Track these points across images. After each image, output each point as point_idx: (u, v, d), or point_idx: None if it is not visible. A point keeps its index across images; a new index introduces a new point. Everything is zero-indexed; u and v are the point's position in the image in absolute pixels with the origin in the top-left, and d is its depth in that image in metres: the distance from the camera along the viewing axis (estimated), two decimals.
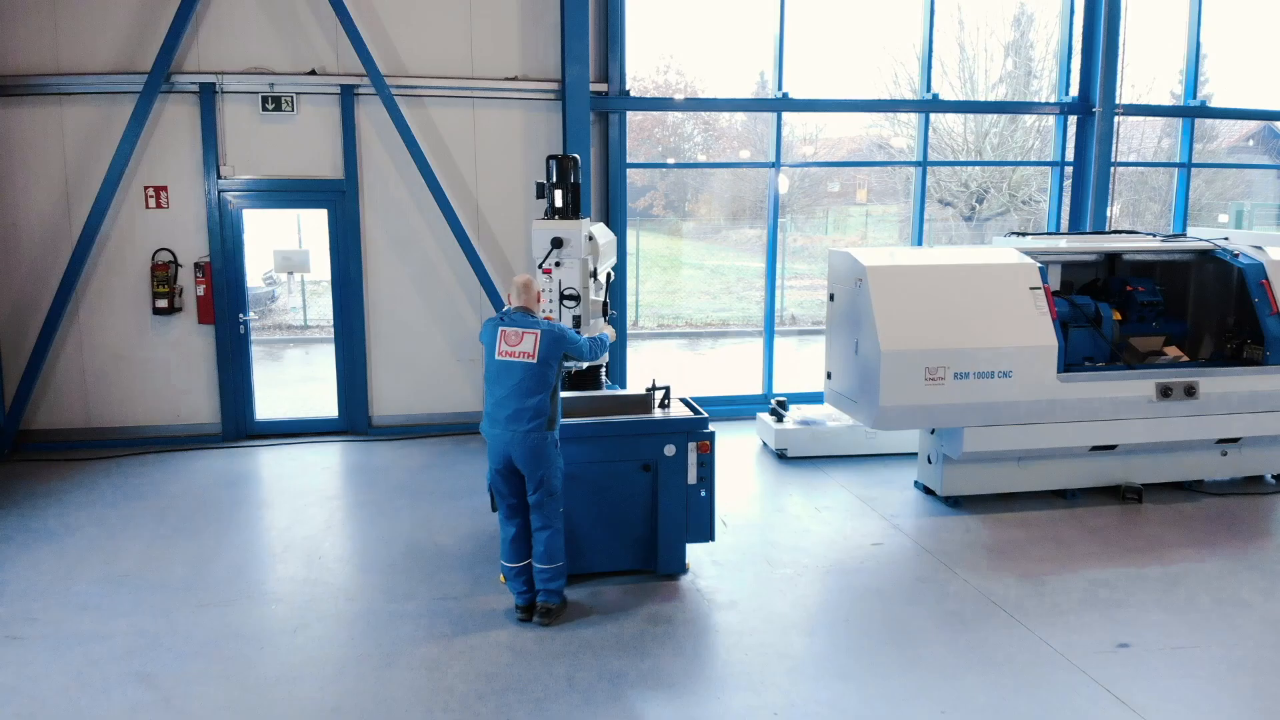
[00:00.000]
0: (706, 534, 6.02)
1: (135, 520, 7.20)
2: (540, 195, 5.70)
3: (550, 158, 5.67)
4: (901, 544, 6.76)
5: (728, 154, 19.27)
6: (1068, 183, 10.71)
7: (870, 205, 21.54)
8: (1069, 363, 7.42)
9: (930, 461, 7.65)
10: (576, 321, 5.43)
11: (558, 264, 5.43)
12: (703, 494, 5.94)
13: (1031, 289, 7.23)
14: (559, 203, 5.64)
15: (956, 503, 7.52)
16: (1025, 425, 7.21)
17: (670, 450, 5.84)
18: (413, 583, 6.01)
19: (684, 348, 17.13)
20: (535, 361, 5.18)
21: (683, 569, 6.06)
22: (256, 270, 12.62)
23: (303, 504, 7.61)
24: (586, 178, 9.06)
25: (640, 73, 17.65)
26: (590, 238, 5.67)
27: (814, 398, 9.87)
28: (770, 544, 6.71)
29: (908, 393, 6.88)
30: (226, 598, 5.87)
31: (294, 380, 13.49)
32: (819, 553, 6.59)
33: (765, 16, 9.64)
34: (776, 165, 9.90)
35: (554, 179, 5.68)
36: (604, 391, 6.10)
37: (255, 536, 6.95)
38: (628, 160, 9.60)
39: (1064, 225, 10.76)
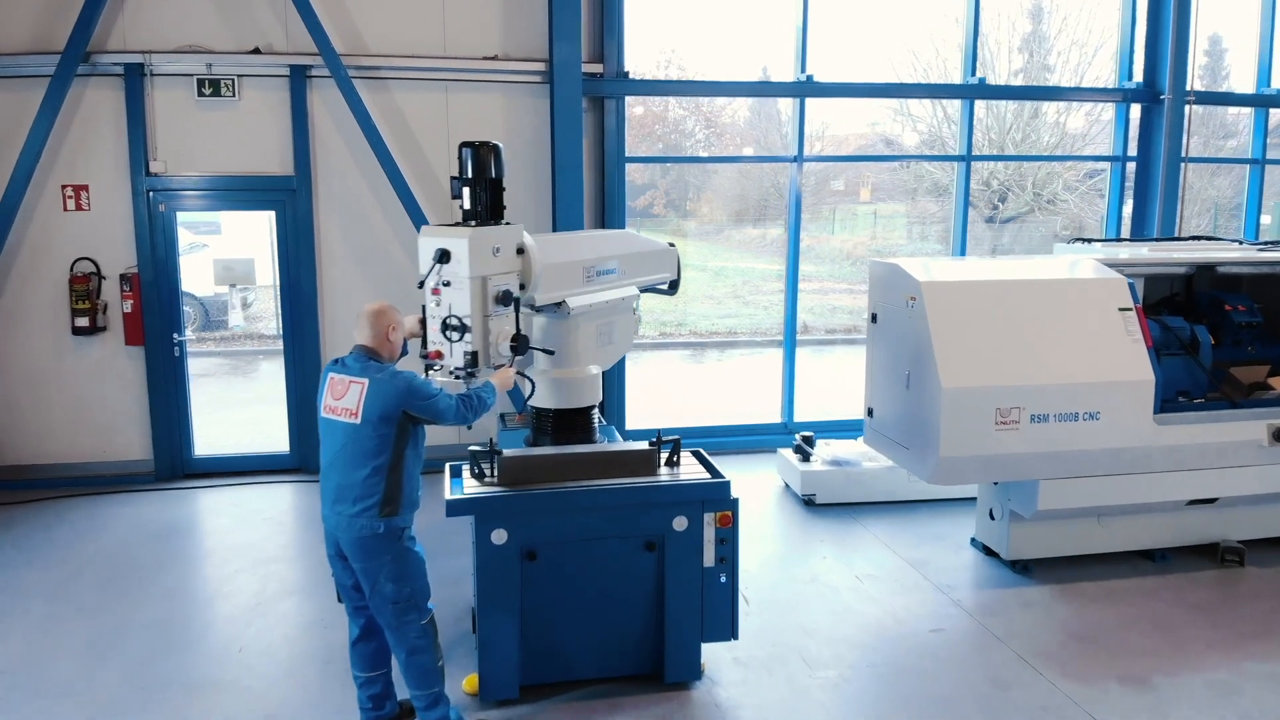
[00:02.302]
0: (727, 630, 4.69)
1: (27, 593, 5.89)
2: (456, 195, 4.29)
3: (463, 145, 4.26)
4: (967, 629, 5.43)
5: (731, 151, 18.00)
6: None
7: (878, 204, 20.36)
8: (1163, 399, 6.09)
9: (993, 518, 6.32)
10: (474, 360, 4.08)
11: (446, 284, 4.05)
12: (723, 579, 4.62)
13: (1121, 310, 5.90)
14: (468, 203, 4.27)
15: (1025, 568, 6.19)
16: (1113, 477, 5.89)
17: (681, 524, 4.52)
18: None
19: (688, 360, 15.82)
20: (358, 422, 3.92)
21: (696, 675, 4.73)
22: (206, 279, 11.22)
23: (234, 569, 6.29)
24: (575, 173, 7.74)
25: (640, 67, 16.63)
26: (520, 251, 4.27)
27: (840, 428, 8.56)
28: (805, 631, 5.37)
29: (974, 440, 5.55)
30: (115, 709, 4.56)
31: (263, 399, 12.13)
32: (866, 644, 5.25)
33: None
34: (798, 159, 8.57)
35: (468, 173, 4.26)
36: (591, 447, 4.77)
37: (169, 615, 5.62)
38: (627, 154, 8.26)
39: (1124, 230, 9.44)
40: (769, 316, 18.24)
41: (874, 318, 6.29)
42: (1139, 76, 9.23)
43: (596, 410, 5.18)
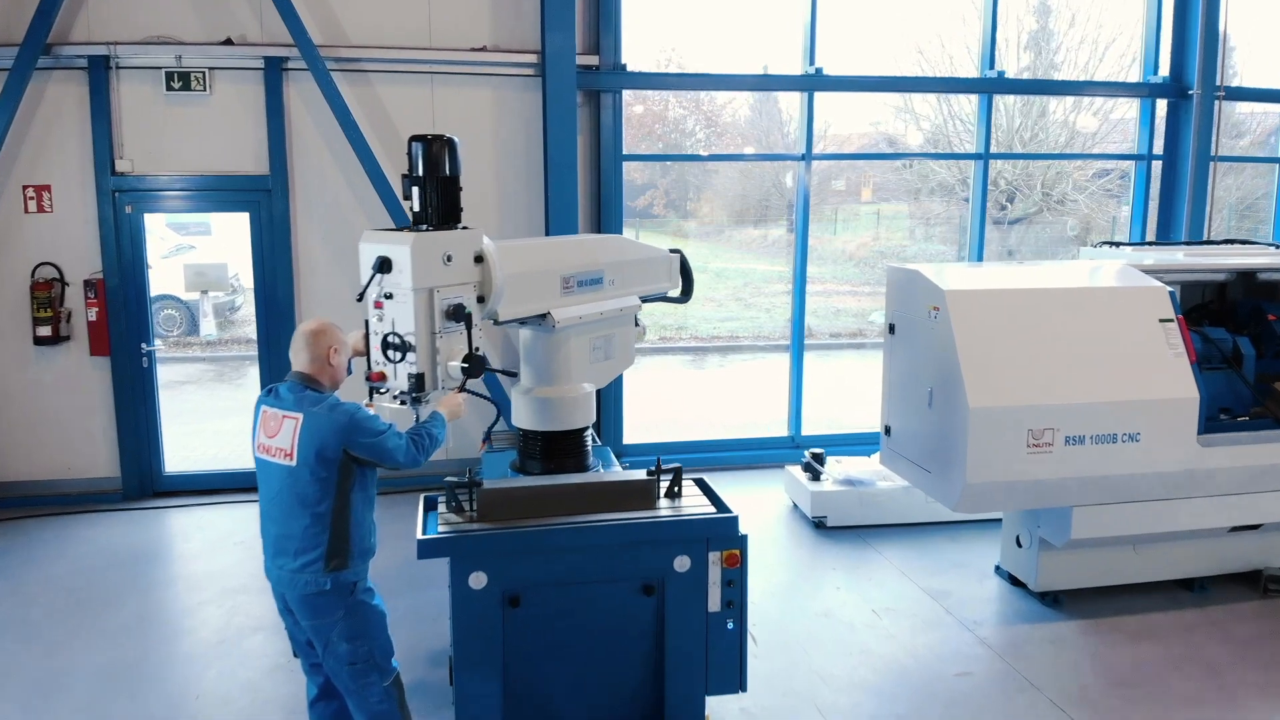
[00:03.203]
0: (734, 682, 4.19)
1: None
2: (406, 195, 3.77)
3: (414, 140, 3.73)
4: (995, 672, 4.94)
5: (732, 151, 17.48)
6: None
7: (880, 205, 19.94)
8: (1205, 417, 5.61)
9: (1020, 545, 5.84)
10: (419, 383, 3.56)
11: (388, 296, 3.55)
12: (729, 625, 4.12)
13: (1162, 321, 5.42)
14: (417, 204, 3.67)
15: (1056, 600, 5.71)
16: (1153, 502, 5.41)
17: (683, 564, 4.03)
18: None
19: (689, 365, 15.34)
20: (294, 464, 3.42)
21: None
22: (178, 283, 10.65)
23: (198, 600, 5.81)
24: (569, 172, 7.26)
25: (638, 65, 16.25)
26: (479, 259, 3.81)
27: (850, 442, 8.10)
28: (819, 677, 4.88)
29: (1004, 464, 5.07)
30: None
31: (245, 407, 11.62)
32: (886, 691, 4.77)
33: None
34: (806, 158, 8.09)
35: (418, 170, 3.70)
36: (582, 477, 4.27)
37: (124, 655, 5.12)
38: (624, 151, 7.77)
39: (1150, 232, 8.96)
40: (771, 319, 17.79)
41: (891, 328, 5.81)
42: (1165, 71, 8.75)
43: (591, 431, 4.70)
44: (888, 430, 5.92)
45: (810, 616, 5.56)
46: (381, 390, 3.64)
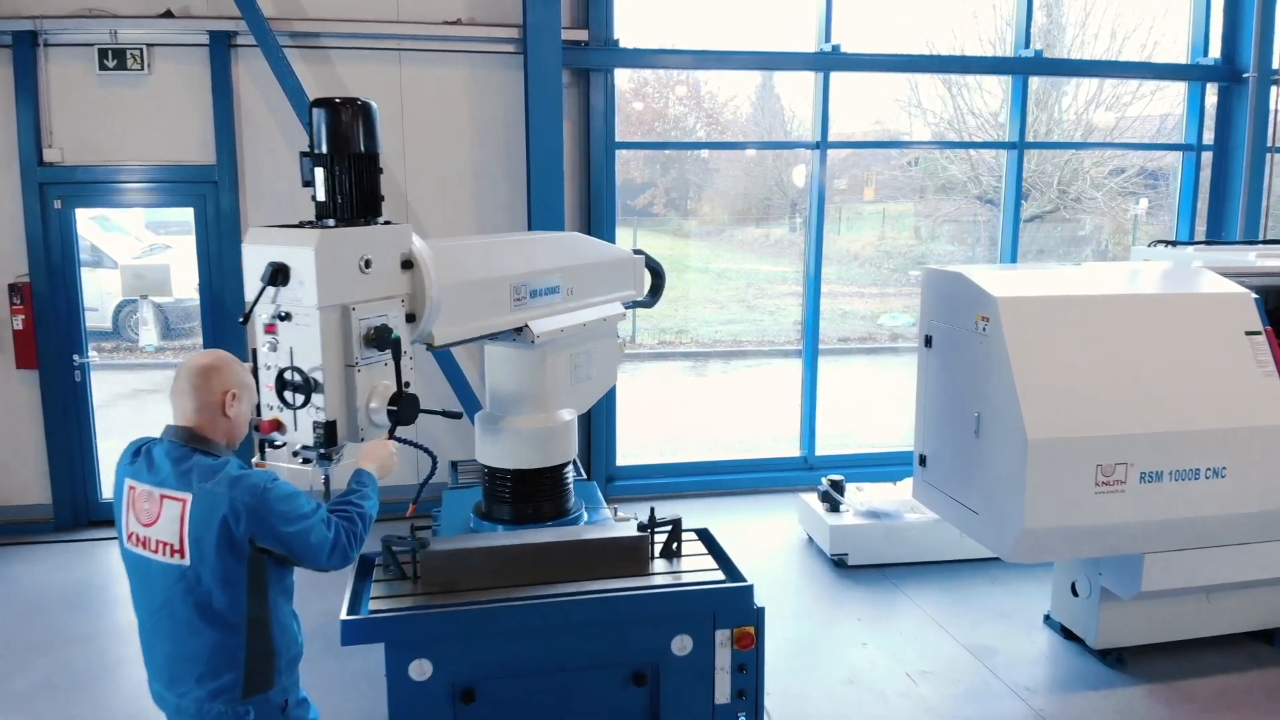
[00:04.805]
0: None
1: None
2: (308, 182, 2.86)
3: (316, 104, 2.83)
4: None
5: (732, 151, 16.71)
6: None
7: (886, 204, 19.25)
8: None
9: (1076, 594, 5.00)
10: (329, 435, 2.64)
11: (284, 316, 2.73)
12: (741, 718, 3.29)
13: (1249, 334, 4.58)
14: (321, 193, 2.78)
15: (1119, 659, 4.87)
16: (1238, 547, 4.58)
17: (683, 646, 3.20)
18: None
19: (689, 371, 14.51)
20: (187, 564, 2.50)
21: None
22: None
23: (124, 655, 4.97)
24: (555, 161, 6.42)
25: (632, 42, 15.53)
26: (408, 264, 2.85)
27: (869, 463, 7.28)
28: None
29: (1068, 506, 4.23)
30: None
31: None
32: None
33: None
34: (821, 145, 7.24)
35: (321, 145, 2.77)
36: (559, 533, 3.43)
37: None
38: (616, 138, 6.93)
39: (1199, 230, 8.13)
40: (775, 322, 17.00)
41: (928, 340, 4.96)
42: (1215, 52, 7.91)
43: (571, 466, 3.87)
44: (923, 460, 5.08)
45: (833, 683, 4.71)
46: (276, 445, 2.73)
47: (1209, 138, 8.05)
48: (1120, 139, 9.96)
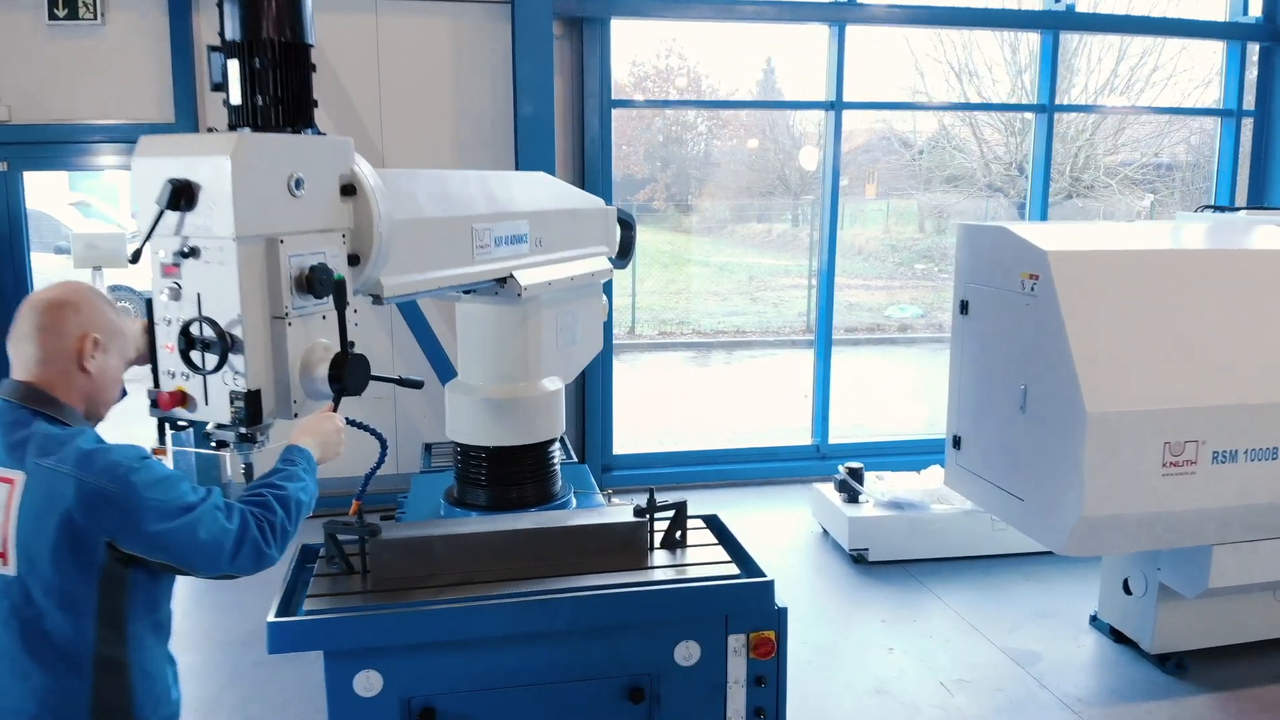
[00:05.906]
0: None
1: None
2: (218, 81, 2.25)
3: None
4: None
5: (735, 144, 16.20)
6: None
7: (891, 199, 18.86)
8: None
9: (1130, 592, 4.44)
10: (251, 410, 1.99)
11: (188, 253, 2.04)
12: None
13: None
14: (236, 95, 2.16)
15: (1179, 665, 4.32)
16: None
17: (689, 654, 2.65)
18: None
19: (692, 362, 13.98)
20: (12, 572, 1.84)
21: None
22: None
23: None
24: (545, 121, 5.89)
25: (639, 57, 14.61)
26: (349, 189, 2.24)
27: (885, 452, 6.76)
28: None
29: (1132, 491, 3.67)
30: None
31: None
32: None
33: None
34: (836, 106, 6.68)
35: (235, 33, 2.17)
36: (539, 518, 2.88)
37: None
38: (613, 96, 6.37)
39: (1239, 198, 7.58)
40: (779, 314, 16.57)
41: (964, 306, 4.41)
42: (1257, 10, 7.35)
43: (558, 445, 3.33)
44: (956, 442, 4.53)
45: (858, 694, 4.15)
46: (181, 425, 2.14)
47: (1250, 103, 7.49)
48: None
